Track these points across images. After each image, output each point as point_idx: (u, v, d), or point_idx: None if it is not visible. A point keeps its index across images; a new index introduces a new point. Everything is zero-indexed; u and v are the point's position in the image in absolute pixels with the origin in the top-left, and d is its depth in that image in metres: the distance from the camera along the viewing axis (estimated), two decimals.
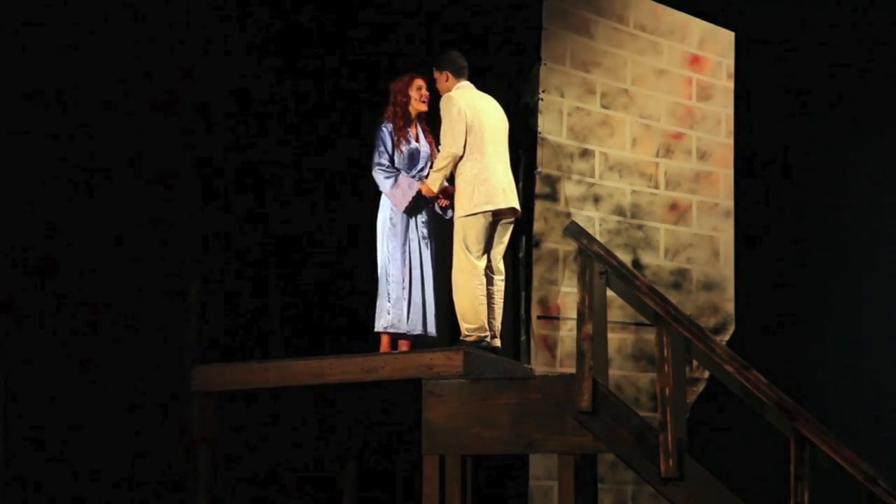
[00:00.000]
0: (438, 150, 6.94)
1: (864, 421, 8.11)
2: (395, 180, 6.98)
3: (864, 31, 8.68)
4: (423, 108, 7.13)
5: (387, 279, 6.95)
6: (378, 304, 6.99)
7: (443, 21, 8.33)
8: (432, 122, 7.15)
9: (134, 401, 6.96)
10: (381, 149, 7.02)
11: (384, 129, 7.06)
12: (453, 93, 6.84)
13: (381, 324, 6.96)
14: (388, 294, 6.94)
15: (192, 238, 7.43)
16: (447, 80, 6.94)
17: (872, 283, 8.54)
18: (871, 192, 8.66)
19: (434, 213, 7.11)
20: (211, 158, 7.66)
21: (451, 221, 6.91)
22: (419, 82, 7.13)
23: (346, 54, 8.29)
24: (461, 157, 6.74)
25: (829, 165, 8.79)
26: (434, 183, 6.88)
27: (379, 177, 7.01)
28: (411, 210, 6.99)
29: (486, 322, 6.70)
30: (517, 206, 6.84)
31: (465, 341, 6.62)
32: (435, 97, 7.04)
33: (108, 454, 6.82)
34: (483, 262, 6.72)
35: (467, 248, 6.67)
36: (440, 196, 7.00)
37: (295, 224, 8.12)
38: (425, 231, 7.09)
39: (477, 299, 6.66)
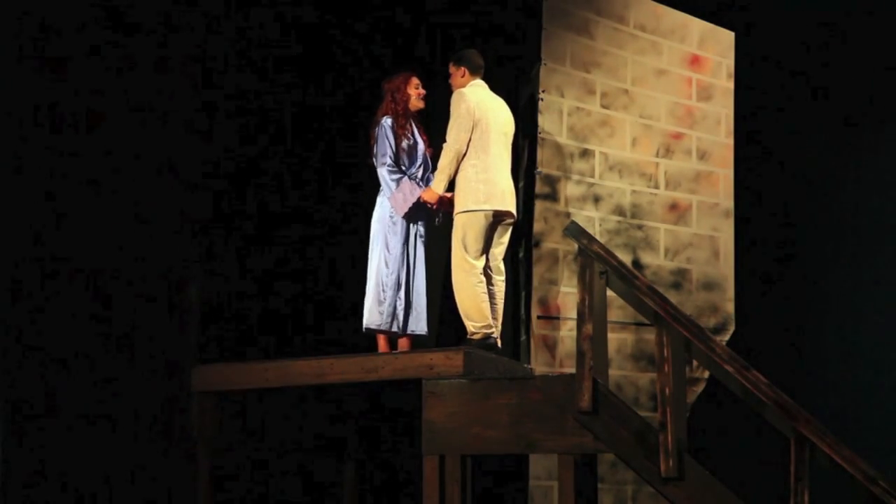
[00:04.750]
0: (433, 149, 6.96)
1: (864, 421, 8.11)
2: (398, 184, 6.96)
3: (864, 30, 8.68)
4: (421, 105, 7.14)
5: (385, 277, 6.95)
6: (370, 301, 6.98)
7: (442, 21, 8.33)
8: (430, 121, 7.16)
9: (134, 401, 6.96)
10: (386, 146, 6.99)
11: (384, 124, 7.05)
12: (465, 89, 6.82)
13: (373, 321, 6.95)
14: (383, 292, 6.94)
15: (192, 238, 7.43)
16: (462, 76, 6.92)
17: (872, 282, 8.55)
18: (870, 192, 8.66)
19: (431, 212, 7.12)
20: (211, 157, 7.66)
21: (448, 221, 6.91)
22: (416, 81, 7.14)
23: (345, 54, 8.29)
24: (464, 155, 6.74)
25: (829, 165, 8.80)
26: (438, 185, 6.83)
27: (385, 176, 6.99)
28: (410, 216, 6.98)
29: (490, 319, 6.69)
30: (514, 211, 6.84)
31: (471, 340, 6.61)
32: (433, 95, 7.05)
33: (108, 454, 6.82)
34: (481, 262, 6.71)
35: (465, 248, 6.65)
36: (444, 204, 6.95)
37: (295, 223, 8.12)
38: (423, 230, 7.09)
39: (479, 297, 6.65)
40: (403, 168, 7.02)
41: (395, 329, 6.95)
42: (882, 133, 8.66)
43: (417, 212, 7.02)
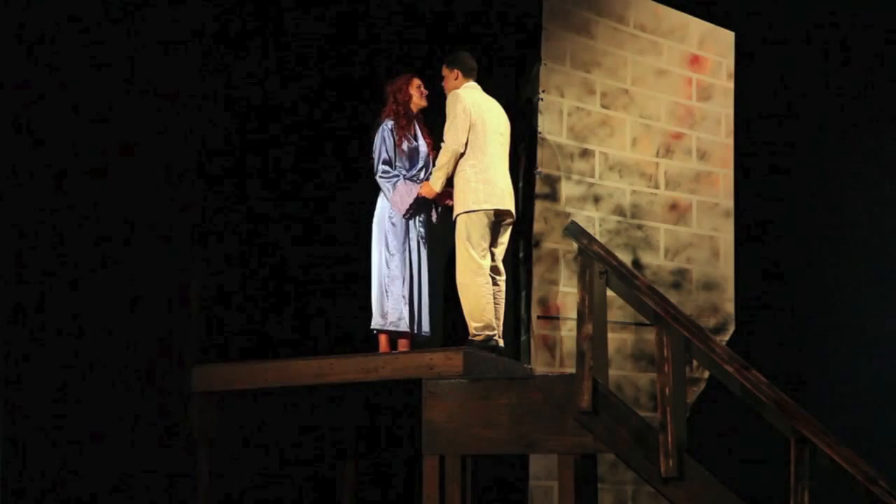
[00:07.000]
0: (436, 151, 6.96)
1: (864, 421, 8.11)
2: (395, 186, 6.99)
3: (863, 30, 8.68)
4: (424, 103, 7.16)
5: (387, 277, 6.96)
6: (375, 302, 6.99)
7: (442, 21, 8.33)
8: (431, 122, 7.16)
9: (134, 401, 6.95)
10: (383, 150, 7.03)
11: (385, 128, 7.08)
12: (460, 91, 6.85)
13: (378, 322, 6.97)
14: (387, 292, 6.95)
15: (192, 238, 7.43)
16: (456, 79, 6.95)
17: (872, 282, 8.55)
18: (870, 192, 8.66)
19: (431, 211, 7.12)
20: (212, 158, 7.66)
21: (449, 222, 6.91)
22: (418, 81, 7.16)
23: (344, 55, 8.29)
24: (462, 155, 6.76)
25: (829, 165, 8.80)
26: (436, 182, 6.87)
27: (381, 182, 7.03)
28: (412, 214, 7.00)
29: (493, 321, 6.70)
30: (514, 211, 6.85)
31: (473, 341, 6.62)
32: (435, 95, 7.05)
33: (108, 454, 6.81)
34: (487, 261, 6.73)
35: (471, 247, 6.67)
36: (442, 197, 6.98)
37: (295, 223, 8.12)
38: (423, 230, 7.10)
39: (483, 298, 6.66)
40: (402, 170, 7.03)
41: (400, 329, 6.96)
42: (884, 133, 8.66)
43: (418, 211, 7.04)
